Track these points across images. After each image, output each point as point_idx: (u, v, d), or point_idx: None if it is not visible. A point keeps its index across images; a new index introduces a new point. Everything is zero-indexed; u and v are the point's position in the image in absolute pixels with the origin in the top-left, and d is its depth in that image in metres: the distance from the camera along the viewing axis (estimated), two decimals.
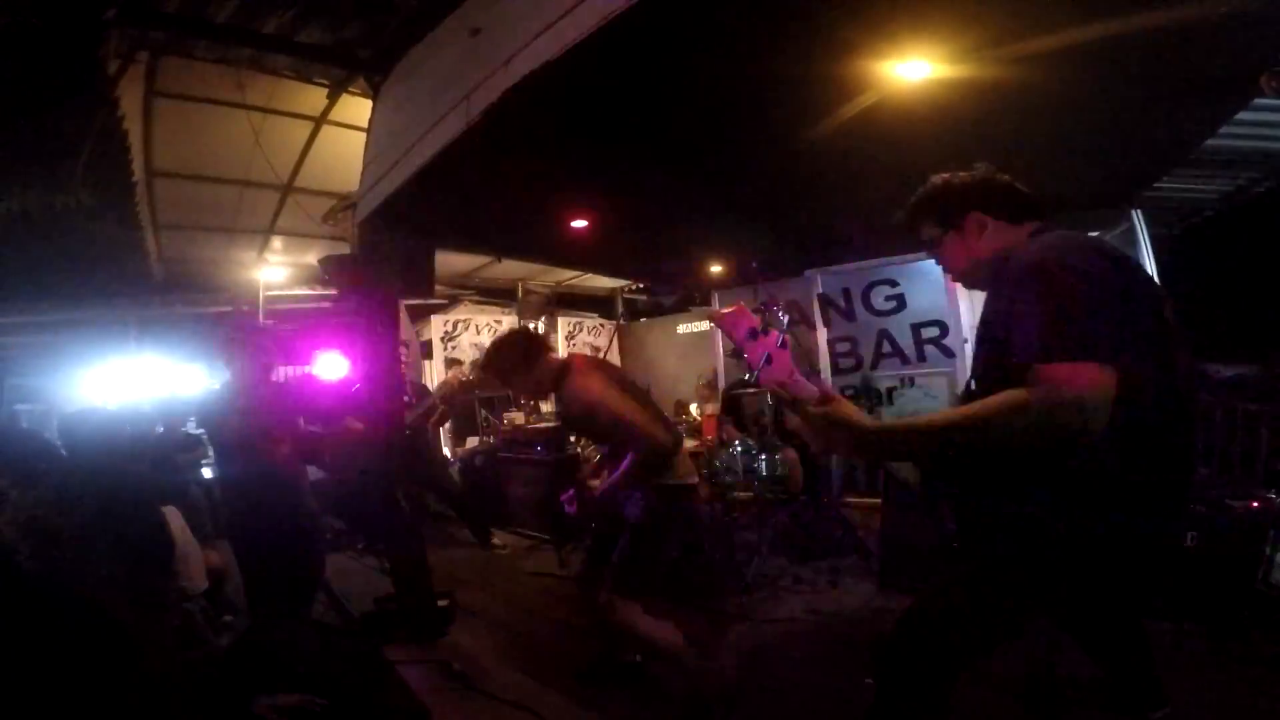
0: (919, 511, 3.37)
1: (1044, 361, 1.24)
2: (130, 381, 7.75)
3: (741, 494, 4.50)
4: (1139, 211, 4.37)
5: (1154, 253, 4.27)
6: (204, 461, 5.06)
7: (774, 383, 1.33)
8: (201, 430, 5.39)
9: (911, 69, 2.91)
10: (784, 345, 1.34)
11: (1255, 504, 2.71)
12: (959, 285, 1.82)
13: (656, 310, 10.52)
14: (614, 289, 10.02)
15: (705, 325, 8.20)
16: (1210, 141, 4.20)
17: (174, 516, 3.54)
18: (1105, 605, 1.88)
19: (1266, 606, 2.81)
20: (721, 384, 6.20)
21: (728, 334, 1.39)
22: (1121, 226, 4.53)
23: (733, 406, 5.16)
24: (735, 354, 1.61)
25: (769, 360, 1.33)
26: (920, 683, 1.58)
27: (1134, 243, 4.34)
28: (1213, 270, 6.10)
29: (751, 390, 4.76)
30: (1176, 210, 6.06)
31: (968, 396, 1.56)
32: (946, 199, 1.65)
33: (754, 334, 1.35)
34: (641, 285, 9.94)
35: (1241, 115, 3.83)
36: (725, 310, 1.42)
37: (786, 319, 1.32)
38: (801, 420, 1.35)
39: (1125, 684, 2.12)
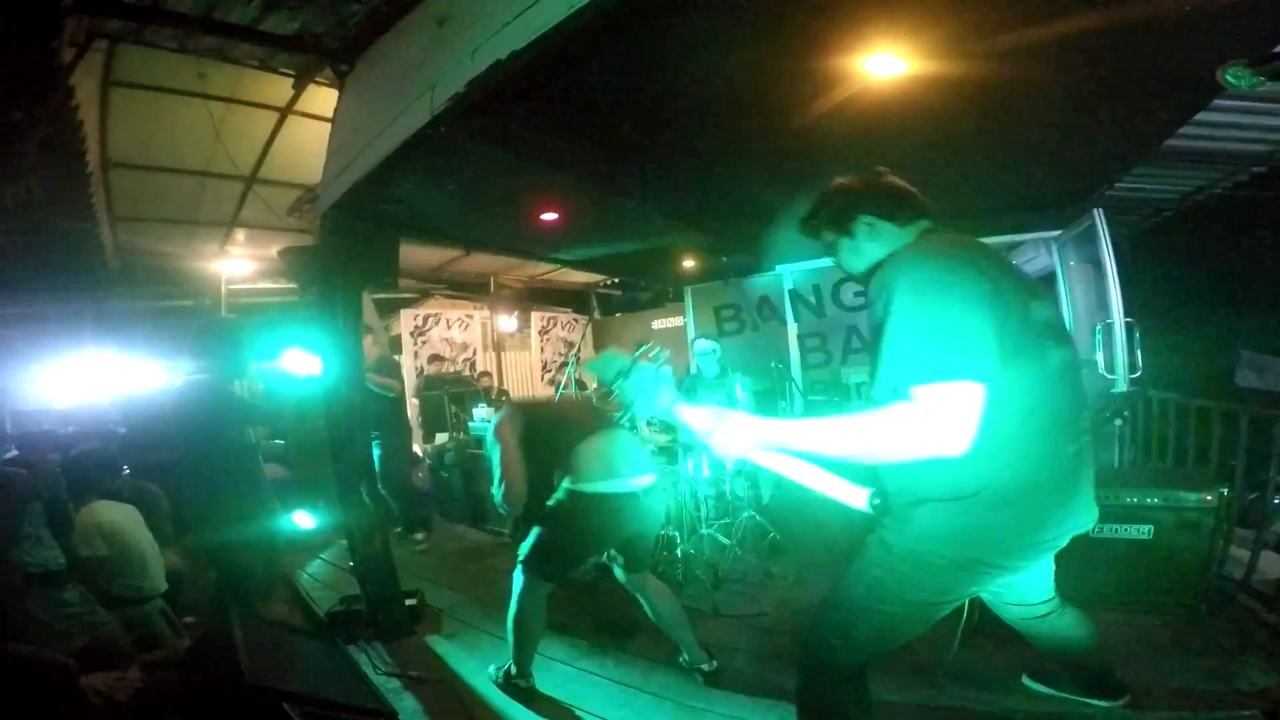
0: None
1: (914, 383, 1.30)
2: (88, 378, 7.54)
3: (711, 490, 4.51)
4: (1100, 210, 4.44)
5: (1114, 251, 4.34)
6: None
7: (652, 413, 1.45)
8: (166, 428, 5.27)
9: (880, 64, 2.92)
10: (659, 379, 1.45)
11: (1209, 498, 2.78)
12: None
13: (631, 305, 10.50)
14: (588, 284, 9.98)
15: (679, 320, 8.20)
16: (1170, 142, 4.29)
17: (133, 516, 3.46)
18: (1028, 599, 1.92)
19: (1222, 598, 2.90)
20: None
21: (597, 377, 1.50)
22: (1083, 225, 4.60)
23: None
24: (606, 395, 1.69)
25: (643, 394, 1.44)
26: (837, 668, 1.62)
27: (1095, 241, 4.41)
28: (1172, 269, 6.24)
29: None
30: (1137, 209, 6.20)
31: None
32: (836, 203, 1.68)
33: (622, 375, 1.45)
34: (615, 280, 9.92)
35: (1201, 116, 3.91)
36: (591, 359, 1.54)
37: (664, 356, 1.44)
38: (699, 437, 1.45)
39: (1079, 676, 2.17)
